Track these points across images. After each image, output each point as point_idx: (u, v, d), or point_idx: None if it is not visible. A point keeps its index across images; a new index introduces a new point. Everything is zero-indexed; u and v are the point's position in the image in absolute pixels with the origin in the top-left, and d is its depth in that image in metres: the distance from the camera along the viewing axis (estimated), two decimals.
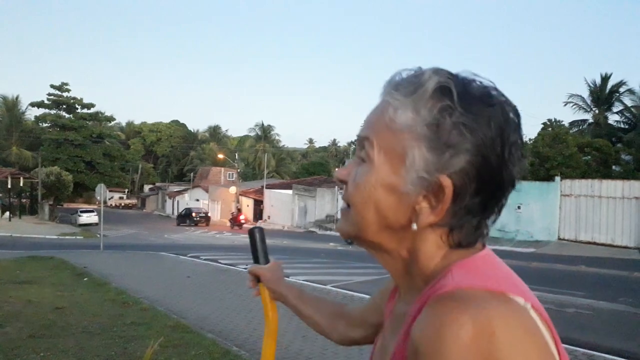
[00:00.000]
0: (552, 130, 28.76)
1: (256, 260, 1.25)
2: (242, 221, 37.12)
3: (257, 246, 1.27)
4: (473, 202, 0.61)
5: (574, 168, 24.79)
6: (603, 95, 32.75)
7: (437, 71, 0.64)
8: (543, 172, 25.31)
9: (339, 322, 1.06)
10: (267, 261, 1.25)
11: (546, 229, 22.41)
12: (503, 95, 0.64)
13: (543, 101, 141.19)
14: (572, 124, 34.36)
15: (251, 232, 1.27)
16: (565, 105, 34.34)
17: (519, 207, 22.92)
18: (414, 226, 0.62)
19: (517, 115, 0.64)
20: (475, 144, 0.60)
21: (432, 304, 0.56)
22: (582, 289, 9.64)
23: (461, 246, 0.63)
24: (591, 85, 33.15)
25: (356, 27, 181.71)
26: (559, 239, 22.15)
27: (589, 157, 26.20)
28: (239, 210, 40.62)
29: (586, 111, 33.97)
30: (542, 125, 31.62)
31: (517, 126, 0.63)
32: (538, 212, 22.55)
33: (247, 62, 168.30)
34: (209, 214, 42.65)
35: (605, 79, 32.89)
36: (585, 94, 33.79)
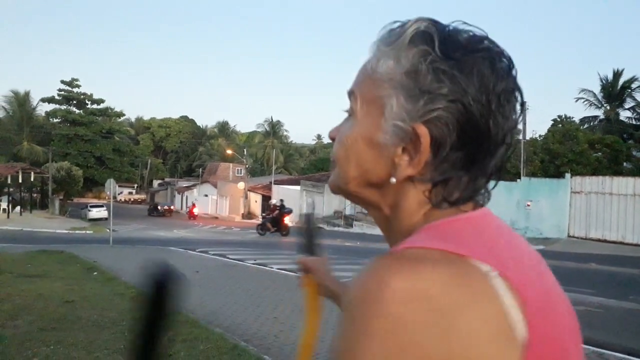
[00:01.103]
0: (562, 126, 28.55)
1: (306, 251, 1.14)
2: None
3: (310, 234, 1.14)
4: (457, 155, 0.57)
5: (584, 165, 24.59)
6: (614, 91, 32.44)
7: (420, 19, 0.61)
8: (553, 168, 25.13)
9: None
10: (316, 253, 1.14)
11: (556, 226, 22.26)
12: (493, 44, 0.60)
13: (553, 97, 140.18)
14: (583, 120, 34.08)
15: (305, 217, 1.16)
16: (576, 101, 34.09)
17: (528, 204, 22.79)
18: (393, 180, 0.60)
19: (508, 63, 0.60)
20: (453, 91, 0.56)
21: (373, 260, 0.52)
22: (592, 286, 9.57)
23: (445, 203, 0.59)
24: (603, 80, 32.85)
25: (366, 23, 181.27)
26: (569, 236, 22.00)
27: (600, 153, 25.97)
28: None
29: (597, 107, 33.69)
30: (552, 122, 31.38)
31: (507, 75, 0.59)
32: (548, 209, 22.40)
33: (256, 58, 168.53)
34: (172, 207, 50.85)
35: (617, 75, 32.58)
36: (597, 90, 33.52)
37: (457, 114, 0.56)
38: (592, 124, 33.88)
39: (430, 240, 0.54)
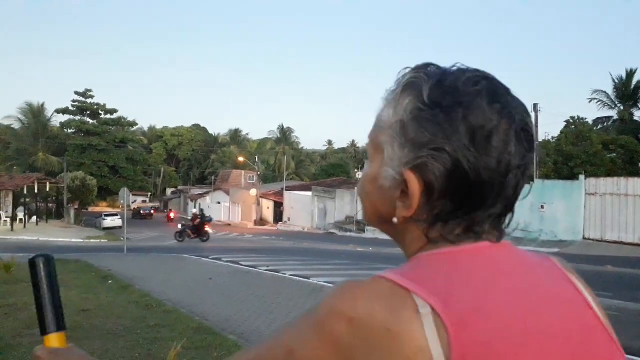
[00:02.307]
0: (575, 127, 28.26)
1: (42, 325, 0.81)
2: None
3: (44, 295, 0.81)
4: (450, 199, 0.60)
5: (598, 166, 24.31)
6: (628, 91, 32.08)
7: (417, 67, 0.64)
8: (567, 170, 24.88)
9: None
10: (59, 327, 0.81)
11: (571, 229, 22.00)
12: (490, 83, 0.61)
13: (566, 98, 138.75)
14: (597, 121, 33.73)
15: (32, 264, 0.81)
16: (590, 102, 33.76)
17: (542, 207, 22.56)
18: (395, 219, 0.64)
19: (504, 101, 0.60)
20: (435, 139, 0.59)
21: (342, 282, 0.59)
22: (608, 289, 9.43)
23: (444, 241, 0.61)
24: (616, 81, 32.49)
25: (375, 30, 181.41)
26: (584, 238, 21.72)
27: (614, 154, 25.66)
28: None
29: (611, 108, 33.33)
30: (565, 123, 31.09)
31: (499, 113, 0.58)
32: (562, 211, 22.16)
33: (267, 66, 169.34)
34: (153, 212, 56.03)
35: (630, 74, 32.22)
36: (610, 90, 33.16)
37: (442, 161, 0.59)
38: (605, 124, 33.52)
39: (396, 271, 0.58)
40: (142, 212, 54.18)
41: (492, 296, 0.56)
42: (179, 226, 26.46)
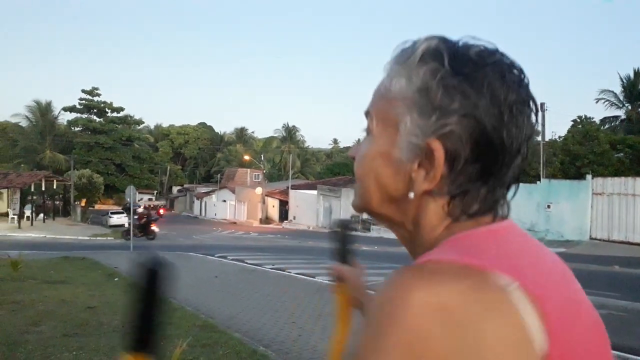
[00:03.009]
0: (582, 127, 28.08)
1: (340, 258, 1.07)
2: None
3: (344, 241, 1.08)
4: (472, 168, 0.59)
5: (605, 166, 24.16)
6: (636, 90, 31.85)
7: (430, 37, 0.63)
8: (574, 170, 24.75)
9: None
10: (350, 262, 1.07)
11: (577, 229, 21.90)
12: (503, 56, 0.62)
13: (573, 98, 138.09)
14: (604, 120, 33.51)
15: (341, 225, 1.08)
16: (597, 102, 33.55)
17: (548, 206, 22.47)
18: (411, 194, 0.61)
19: (519, 74, 0.61)
20: (464, 105, 0.58)
21: (395, 271, 0.53)
22: (616, 290, 9.38)
23: (464, 216, 0.60)
24: (624, 80, 32.26)
25: (382, 29, 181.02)
26: (591, 238, 21.62)
27: (622, 154, 25.50)
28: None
29: (618, 107, 33.11)
30: (572, 123, 30.91)
31: (518, 86, 0.60)
32: (569, 211, 22.05)
33: (273, 64, 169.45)
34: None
35: (638, 74, 31.98)
36: (618, 90, 32.93)
37: (470, 128, 0.58)
38: (613, 124, 33.30)
39: (450, 253, 0.55)
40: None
41: (543, 268, 0.57)
42: (126, 225, 26.88)
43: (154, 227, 25.08)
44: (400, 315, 0.49)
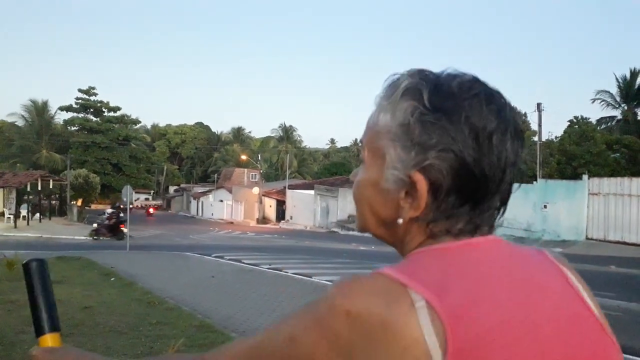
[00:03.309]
0: (579, 127, 28.17)
1: (37, 327, 0.83)
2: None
3: (38, 297, 0.83)
4: (456, 197, 0.63)
5: (602, 166, 24.24)
6: (632, 91, 31.93)
7: (412, 73, 0.67)
8: (570, 170, 24.82)
9: None
10: (54, 327, 0.83)
11: (573, 229, 21.96)
12: (483, 86, 0.65)
13: (569, 98, 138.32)
14: (600, 121, 33.59)
15: (26, 268, 0.85)
16: (592, 102, 33.64)
17: (545, 206, 22.52)
18: (399, 221, 0.66)
19: (499, 101, 0.65)
20: (441, 142, 0.62)
21: (342, 277, 0.61)
22: (611, 289, 9.41)
23: (442, 236, 0.64)
24: (620, 80, 32.35)
25: (378, 29, 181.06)
26: (587, 238, 21.68)
27: (618, 154, 25.58)
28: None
29: (615, 108, 33.20)
30: (569, 123, 31.00)
31: (497, 115, 0.63)
32: (565, 211, 22.11)
33: (270, 64, 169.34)
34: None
35: (634, 74, 32.06)
36: (614, 90, 33.03)
37: (449, 161, 0.62)
38: (609, 124, 33.38)
39: (394, 267, 0.60)
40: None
41: (487, 289, 0.58)
42: (95, 225, 27.26)
43: (123, 228, 25.14)
44: (323, 312, 0.58)
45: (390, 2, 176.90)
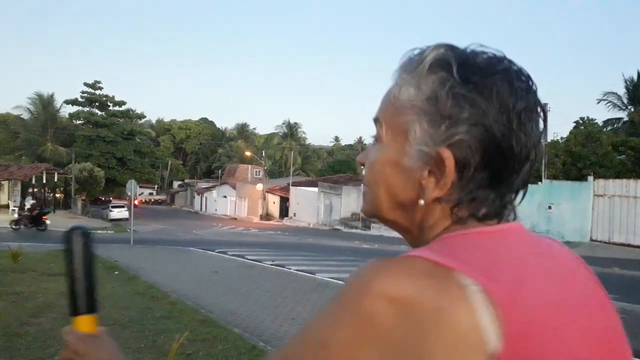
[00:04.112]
0: (585, 128, 28.02)
1: (73, 306, 0.76)
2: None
3: (78, 272, 0.75)
4: (482, 175, 0.60)
5: (607, 167, 24.12)
6: (639, 92, 31.74)
7: (438, 46, 0.63)
8: (575, 171, 24.71)
9: None
10: (92, 308, 0.77)
11: (578, 230, 21.87)
12: (511, 63, 0.63)
13: (576, 99, 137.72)
14: (607, 122, 33.41)
15: (68, 238, 0.76)
16: (598, 103, 33.46)
17: (549, 207, 22.44)
18: (421, 202, 0.62)
19: (527, 81, 0.62)
20: (473, 114, 0.59)
21: (371, 260, 0.56)
22: (615, 291, 9.36)
23: (473, 219, 0.61)
24: (628, 82, 32.15)
25: (383, 26, 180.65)
26: (592, 240, 21.59)
27: (624, 156, 25.44)
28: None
29: (621, 109, 33.01)
30: (575, 124, 30.85)
31: (526, 93, 0.61)
32: (569, 212, 22.03)
33: (275, 61, 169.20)
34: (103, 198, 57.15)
35: None
36: (621, 91, 32.83)
37: (479, 136, 0.59)
38: (615, 126, 33.20)
39: (429, 251, 0.56)
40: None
41: (529, 273, 0.56)
42: (16, 215, 27.97)
43: (46, 219, 26.42)
44: (357, 300, 0.52)
45: (393, 1, 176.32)
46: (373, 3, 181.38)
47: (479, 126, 0.59)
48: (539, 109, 0.62)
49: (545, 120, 0.63)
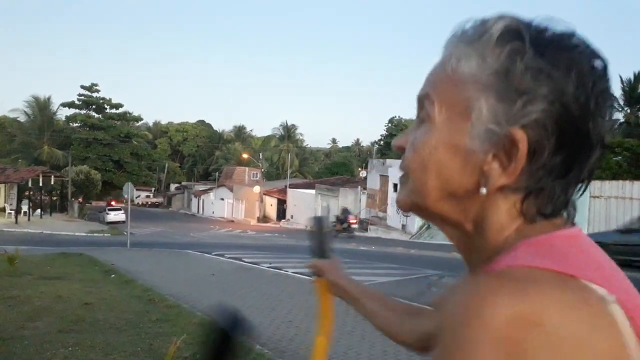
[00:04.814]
0: None
1: (318, 254, 1.16)
2: None
3: (321, 238, 1.17)
4: (554, 161, 0.53)
5: (603, 169, 24.20)
6: (635, 94, 31.91)
7: (503, 15, 0.56)
8: None
9: (414, 320, 0.94)
10: (327, 256, 1.16)
11: None
12: (585, 40, 0.56)
13: None
14: None
15: (316, 221, 1.18)
16: None
17: None
18: (483, 190, 0.54)
19: (605, 62, 0.55)
20: (553, 90, 0.52)
21: (469, 279, 0.50)
22: None
23: (540, 216, 0.54)
24: (625, 83, 32.31)
25: (379, 29, 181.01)
26: None
27: (620, 157, 25.54)
28: None
29: (617, 110, 33.07)
30: None
31: (604, 74, 0.55)
32: None
33: (272, 63, 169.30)
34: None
35: (638, 77, 32.03)
36: (618, 93, 32.99)
37: (557, 115, 0.52)
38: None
39: (534, 258, 0.49)
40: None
41: (625, 280, 0.52)
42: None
43: None
44: (487, 328, 0.43)
45: (392, 2, 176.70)
46: (372, 4, 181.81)
47: (557, 104, 0.52)
48: (611, 90, 0.56)
49: (612, 105, 0.56)
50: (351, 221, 30.11)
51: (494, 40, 0.54)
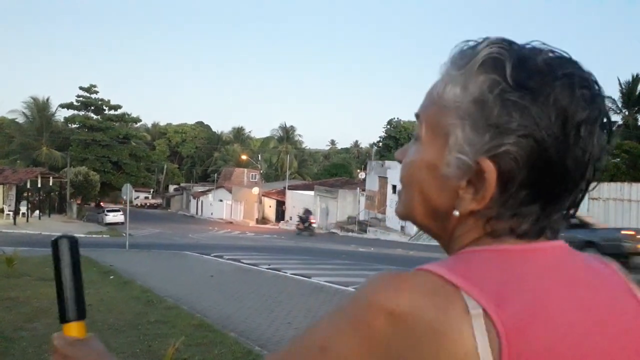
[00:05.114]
0: None
1: (62, 313, 0.75)
2: None
3: (66, 279, 0.75)
4: (527, 192, 0.53)
5: (602, 171, 24.17)
6: (634, 96, 31.96)
7: (492, 41, 0.56)
8: None
9: None
10: (80, 315, 0.76)
11: None
12: (576, 67, 0.56)
13: None
14: None
15: (55, 245, 0.76)
16: None
17: None
18: (455, 213, 0.56)
19: (592, 88, 0.55)
20: (524, 125, 0.52)
21: (374, 275, 0.54)
22: None
23: (504, 235, 0.55)
24: (623, 86, 32.38)
25: (378, 30, 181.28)
26: None
27: (618, 159, 25.58)
28: None
29: (616, 113, 33.19)
30: None
31: (589, 102, 0.54)
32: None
33: (271, 64, 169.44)
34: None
35: (636, 79, 32.10)
36: (616, 95, 33.05)
37: (528, 149, 0.52)
38: None
39: (442, 265, 0.52)
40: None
41: (550, 302, 0.51)
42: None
43: None
44: (360, 311, 0.50)
45: (390, 5, 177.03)
46: (368, 8, 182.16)
47: (529, 138, 0.52)
48: (604, 120, 0.55)
49: (610, 132, 0.56)
50: (312, 221, 32.16)
51: (475, 68, 0.55)
